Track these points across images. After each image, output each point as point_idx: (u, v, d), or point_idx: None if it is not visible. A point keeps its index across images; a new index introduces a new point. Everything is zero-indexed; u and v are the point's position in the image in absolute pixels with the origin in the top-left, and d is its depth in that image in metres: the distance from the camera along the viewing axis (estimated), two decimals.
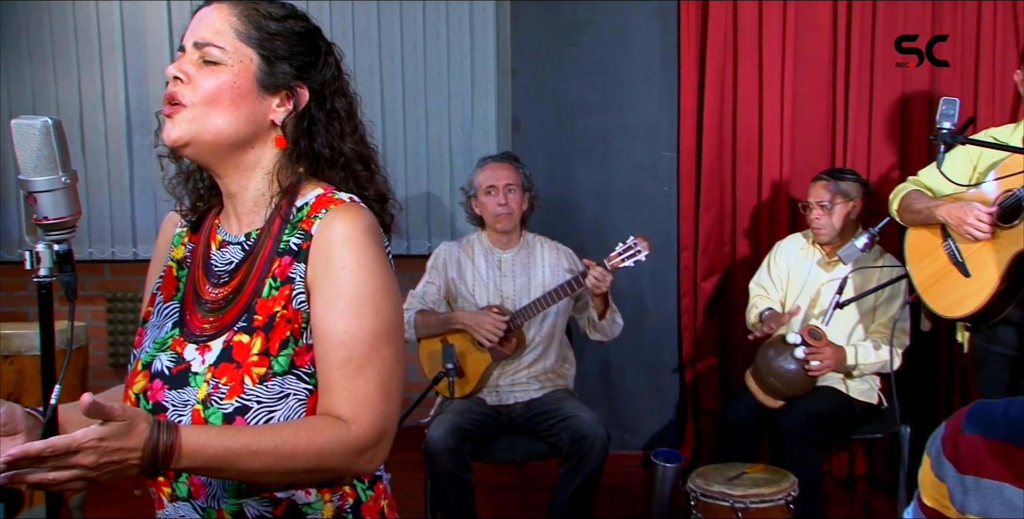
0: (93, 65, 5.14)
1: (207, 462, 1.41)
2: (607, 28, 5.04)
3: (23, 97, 5.16)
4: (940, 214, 3.52)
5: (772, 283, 4.34)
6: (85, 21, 5.12)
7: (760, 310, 4.25)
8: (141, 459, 1.36)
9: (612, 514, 4.44)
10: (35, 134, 1.43)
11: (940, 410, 4.67)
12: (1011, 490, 1.80)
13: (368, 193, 1.66)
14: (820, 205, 4.12)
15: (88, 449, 1.31)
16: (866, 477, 4.98)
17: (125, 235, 5.23)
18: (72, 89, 5.15)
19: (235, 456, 1.42)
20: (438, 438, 3.70)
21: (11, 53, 5.13)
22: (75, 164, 1.47)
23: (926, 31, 4.68)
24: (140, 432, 1.35)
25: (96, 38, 5.12)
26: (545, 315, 4.03)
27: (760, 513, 3.62)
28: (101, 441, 1.32)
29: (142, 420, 1.36)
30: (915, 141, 4.74)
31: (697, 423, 5.08)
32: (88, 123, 5.18)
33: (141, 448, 1.35)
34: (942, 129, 3.05)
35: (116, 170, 5.21)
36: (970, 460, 1.85)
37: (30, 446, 1.29)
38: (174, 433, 1.38)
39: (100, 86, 5.16)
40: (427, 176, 5.19)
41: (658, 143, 5.08)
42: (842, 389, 4.08)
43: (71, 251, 1.50)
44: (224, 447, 1.41)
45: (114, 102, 5.18)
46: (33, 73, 5.16)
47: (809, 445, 3.88)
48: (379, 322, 1.53)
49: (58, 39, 5.14)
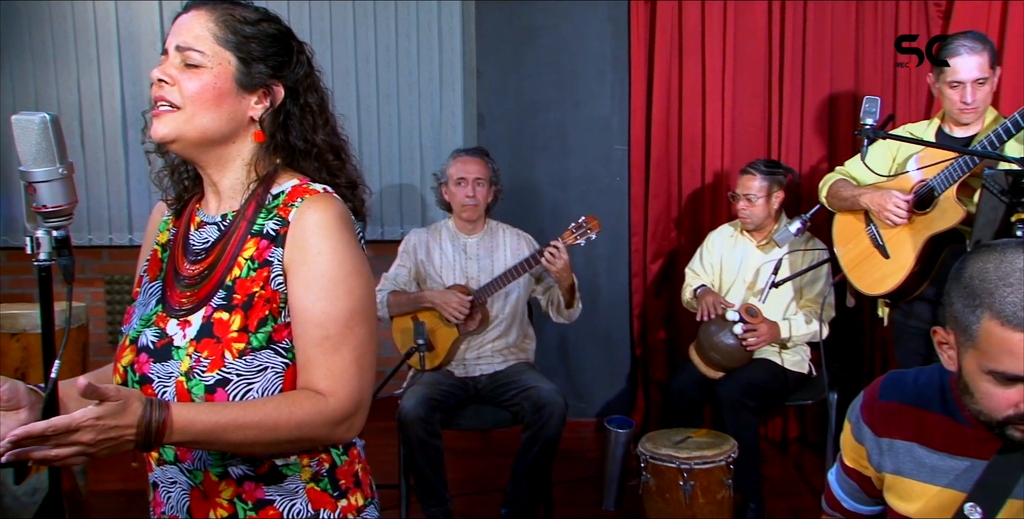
0: (91, 65, 5.10)
1: (196, 436, 1.42)
2: (563, 31, 5.03)
3: (26, 96, 5.10)
4: (863, 201, 3.56)
5: (704, 269, 4.37)
6: (83, 24, 5.07)
7: (694, 288, 4.28)
8: (136, 435, 1.36)
9: (569, 476, 4.45)
10: (34, 129, 1.43)
11: (864, 378, 4.71)
12: (920, 449, 1.82)
13: (340, 181, 1.65)
14: (746, 197, 4.15)
15: (86, 427, 1.31)
16: (798, 440, 5.03)
17: (121, 222, 5.21)
18: (72, 88, 5.10)
19: (222, 430, 1.42)
20: (410, 408, 3.70)
21: (15, 54, 5.08)
22: (75, 157, 1.47)
23: (851, 32, 4.71)
24: (134, 411, 1.36)
25: (94, 40, 5.08)
26: (507, 295, 4.04)
27: (703, 473, 3.65)
28: (98, 420, 1.32)
29: (135, 399, 1.37)
30: (842, 135, 4.77)
31: (646, 392, 5.11)
32: (87, 119, 5.14)
33: (135, 425, 1.36)
34: (865, 125, 3.07)
35: (113, 163, 5.17)
36: (885, 424, 1.87)
37: (33, 426, 1.30)
38: (165, 410, 1.38)
39: (97, 85, 5.12)
40: (399, 168, 5.17)
41: (610, 137, 5.08)
42: (776, 361, 4.12)
43: (69, 237, 1.50)
44: (212, 422, 1.42)
45: (110, 100, 5.13)
46: (35, 73, 5.11)
47: (747, 412, 3.92)
48: (352, 303, 1.53)
49: (58, 41, 5.08)
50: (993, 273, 1.59)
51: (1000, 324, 1.55)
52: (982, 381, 1.61)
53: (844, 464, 2.01)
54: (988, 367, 1.59)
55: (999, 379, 1.58)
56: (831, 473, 2.08)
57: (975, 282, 1.60)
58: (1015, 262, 1.58)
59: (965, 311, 1.61)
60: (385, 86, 5.12)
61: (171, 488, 1.62)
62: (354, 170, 1.69)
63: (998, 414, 1.62)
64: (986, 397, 1.62)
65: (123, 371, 1.60)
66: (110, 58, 5.09)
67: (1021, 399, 1.58)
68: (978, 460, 1.74)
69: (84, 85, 5.11)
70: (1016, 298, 1.54)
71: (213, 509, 1.59)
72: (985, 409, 1.64)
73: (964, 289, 1.62)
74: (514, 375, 3.97)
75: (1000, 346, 1.55)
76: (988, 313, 1.56)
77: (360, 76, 5.10)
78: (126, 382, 1.59)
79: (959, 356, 1.66)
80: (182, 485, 1.61)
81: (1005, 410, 1.60)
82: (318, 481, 1.62)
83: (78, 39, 5.08)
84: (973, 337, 1.59)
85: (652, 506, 3.74)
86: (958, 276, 1.65)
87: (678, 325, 4.93)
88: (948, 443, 1.79)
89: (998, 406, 1.61)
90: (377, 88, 5.12)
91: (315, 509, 1.61)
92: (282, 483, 1.59)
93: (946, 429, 1.79)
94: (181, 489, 1.61)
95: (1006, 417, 1.61)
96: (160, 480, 1.64)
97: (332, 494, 1.63)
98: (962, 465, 1.77)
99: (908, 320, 3.62)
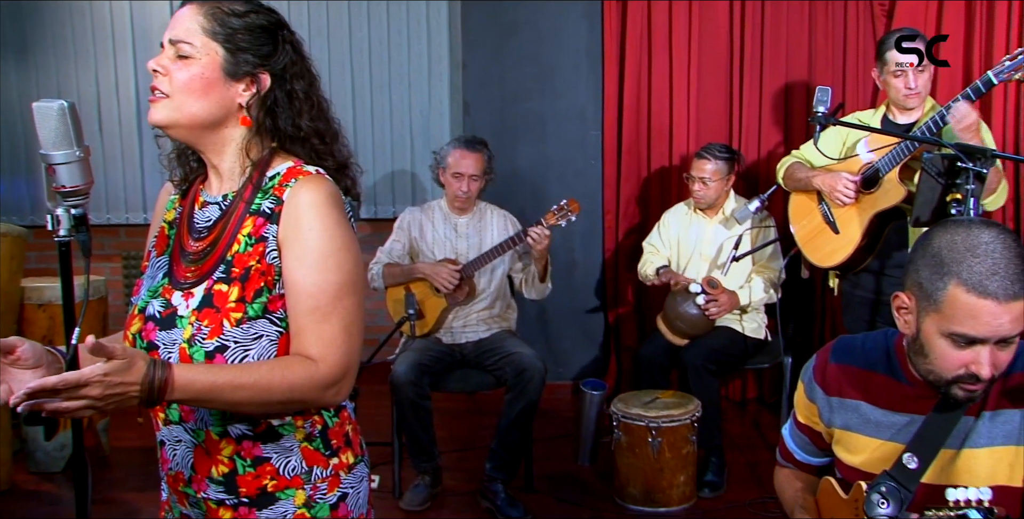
0: (108, 59, 5.08)
1: (196, 395, 1.41)
2: (542, 27, 5.01)
3: (50, 87, 5.08)
4: (816, 182, 3.56)
5: (662, 243, 4.36)
6: (101, 22, 5.06)
7: (656, 266, 4.26)
8: (140, 392, 1.35)
9: (548, 434, 4.46)
10: (53, 115, 1.44)
11: (815, 343, 4.74)
12: (866, 407, 1.84)
13: (328, 163, 1.63)
14: (701, 179, 4.13)
15: (95, 383, 1.31)
16: (756, 399, 5.06)
17: (137, 202, 5.20)
18: (90, 80, 5.09)
19: (219, 389, 1.42)
20: (401, 372, 3.69)
21: (39, 50, 5.07)
22: (93, 143, 1.47)
23: (804, 29, 4.71)
24: (139, 369, 1.35)
25: (110, 37, 5.06)
26: (493, 270, 4.02)
27: (670, 431, 3.67)
28: (106, 376, 1.31)
29: (140, 359, 1.36)
30: (796, 122, 4.77)
31: (618, 358, 5.12)
32: (104, 108, 5.12)
33: (139, 382, 1.35)
34: (818, 112, 3.06)
35: (128, 148, 5.15)
36: (835, 385, 1.88)
37: (46, 380, 1.29)
38: (167, 370, 1.38)
39: (114, 77, 5.11)
40: (391, 152, 5.15)
41: (585, 124, 5.07)
42: (736, 328, 4.12)
43: (86, 215, 1.51)
44: (210, 382, 1.41)
45: (126, 90, 5.12)
46: (58, 67, 5.10)
47: (709, 375, 3.92)
48: (341, 276, 1.52)
49: (78, 38, 5.08)
50: (961, 244, 1.60)
51: (966, 291, 1.57)
52: (939, 343, 1.64)
53: (797, 420, 2.01)
54: (949, 330, 1.61)
55: (957, 341, 1.61)
56: (785, 429, 2.09)
57: (944, 252, 1.62)
58: (981, 236, 1.60)
59: (932, 278, 1.62)
60: (378, 77, 5.09)
61: (176, 446, 1.62)
62: (344, 151, 1.67)
63: (948, 373, 1.65)
64: (940, 358, 1.65)
65: (132, 338, 1.60)
66: (125, 53, 5.07)
67: (972, 360, 1.61)
68: (917, 416, 1.76)
69: (102, 77, 5.10)
70: (982, 268, 1.57)
71: (215, 465, 1.58)
72: (937, 368, 1.66)
73: (932, 258, 1.63)
74: (497, 342, 3.96)
75: (964, 311, 1.58)
76: (955, 280, 1.58)
77: (355, 68, 5.08)
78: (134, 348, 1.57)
79: (918, 320, 1.67)
80: (186, 443, 1.60)
81: (956, 370, 1.63)
82: (311, 441, 1.61)
83: (96, 36, 5.07)
84: (938, 302, 1.61)
85: (623, 460, 3.76)
86: (925, 247, 1.66)
87: (647, 297, 4.93)
88: (891, 401, 1.80)
89: (950, 366, 1.64)
90: (371, 79, 5.09)
91: (308, 466, 1.60)
92: (278, 442, 1.58)
93: (889, 388, 1.81)
94: (185, 447, 1.60)
95: (956, 376, 1.64)
96: (166, 439, 1.63)
97: (324, 453, 1.62)
98: (903, 420, 1.78)
99: (855, 290, 3.63)
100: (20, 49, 5.04)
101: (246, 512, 1.59)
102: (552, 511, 3.75)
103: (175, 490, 1.65)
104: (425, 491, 3.79)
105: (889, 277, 3.50)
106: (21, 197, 5.12)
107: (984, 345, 1.60)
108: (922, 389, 1.75)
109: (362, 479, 1.67)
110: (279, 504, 1.59)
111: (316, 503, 1.60)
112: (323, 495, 1.60)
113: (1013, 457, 1.69)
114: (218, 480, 1.58)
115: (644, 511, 3.70)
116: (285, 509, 1.59)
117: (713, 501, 3.81)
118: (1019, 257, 1.59)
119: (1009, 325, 1.58)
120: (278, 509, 1.59)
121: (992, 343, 1.60)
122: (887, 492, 1.67)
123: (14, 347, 1.47)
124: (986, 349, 1.60)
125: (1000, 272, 1.56)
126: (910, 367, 1.76)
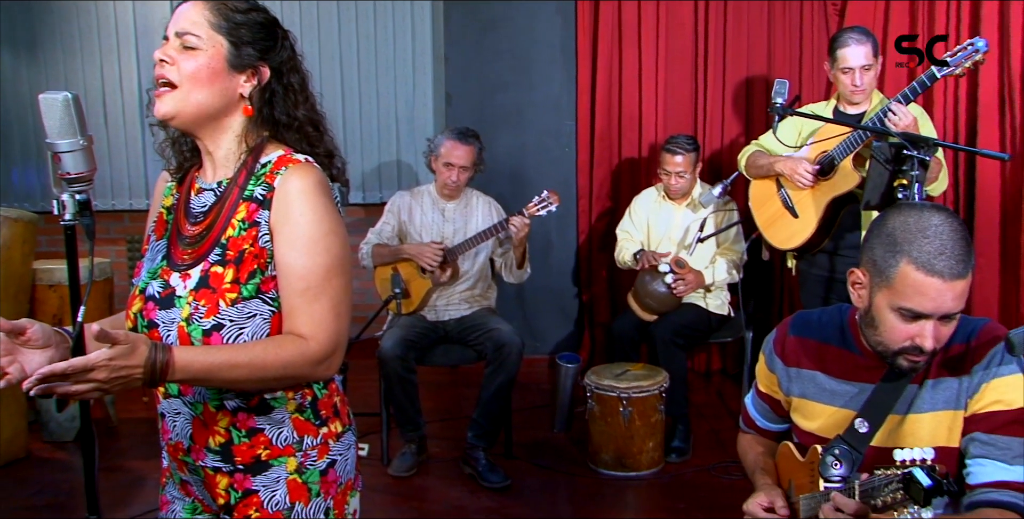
0: (112, 55, 5.06)
1: (195, 374, 1.41)
2: (519, 24, 5.00)
3: (58, 82, 5.05)
4: (777, 168, 3.56)
5: (634, 227, 4.34)
6: (105, 21, 5.04)
7: (633, 252, 4.25)
8: (143, 374, 1.36)
9: (526, 404, 4.47)
10: (58, 105, 1.43)
11: (774, 318, 4.76)
12: (822, 377, 1.85)
13: (318, 150, 1.62)
14: (677, 174, 4.11)
15: (101, 367, 1.32)
16: (719, 371, 5.08)
17: (140, 189, 5.18)
18: (96, 74, 5.07)
19: (217, 369, 1.42)
20: (388, 347, 3.68)
21: (48, 47, 5.05)
22: (99, 133, 1.46)
23: (763, 27, 4.71)
24: (141, 353, 1.35)
25: (114, 34, 5.05)
26: (476, 254, 4.00)
27: (640, 400, 3.69)
28: (111, 361, 1.32)
29: (142, 343, 1.36)
30: (756, 113, 4.78)
31: (591, 333, 5.13)
32: (109, 101, 5.10)
33: (142, 365, 1.35)
34: (776, 104, 3.06)
35: (132, 138, 5.13)
36: (793, 356, 1.89)
37: (56, 366, 1.30)
38: (168, 353, 1.38)
39: (118, 72, 5.09)
40: (378, 141, 5.13)
41: (560, 114, 5.06)
42: (702, 305, 4.13)
43: (89, 200, 1.49)
44: (208, 362, 1.41)
45: (129, 84, 5.10)
46: (65, 62, 5.07)
47: (676, 348, 3.93)
48: (330, 258, 1.51)
49: (84, 35, 5.05)
50: (913, 226, 1.62)
51: (915, 269, 1.59)
52: (889, 316, 1.66)
53: (758, 390, 2.02)
54: (898, 304, 1.63)
55: (905, 315, 1.63)
56: (747, 398, 2.10)
57: (897, 233, 1.63)
58: (931, 219, 1.62)
59: (885, 256, 1.64)
60: (366, 71, 5.08)
61: (176, 418, 1.61)
62: (331, 141, 1.66)
63: (895, 345, 1.67)
64: (889, 330, 1.67)
65: (133, 317, 1.59)
66: (128, 49, 5.06)
67: (917, 333, 1.64)
68: (867, 384, 1.78)
69: (106, 72, 5.09)
70: (931, 248, 1.59)
71: (212, 436, 1.58)
72: (886, 340, 1.68)
73: (886, 238, 1.65)
74: (478, 319, 3.95)
75: (913, 287, 1.60)
76: (906, 259, 1.60)
77: (344, 63, 5.06)
78: (136, 326, 1.58)
79: (870, 295, 1.69)
80: (185, 415, 1.60)
81: (902, 341, 1.66)
82: (302, 412, 1.60)
83: (101, 33, 5.05)
84: (890, 279, 1.63)
85: (596, 428, 3.77)
86: (880, 227, 1.68)
87: (618, 276, 4.93)
88: (844, 371, 1.82)
89: (898, 338, 1.66)
90: (359, 73, 5.08)
91: (299, 435, 1.59)
92: (270, 414, 1.58)
93: (843, 359, 1.82)
94: (184, 419, 1.60)
95: (901, 347, 1.66)
96: (167, 411, 1.62)
97: (314, 422, 1.61)
98: (854, 389, 1.80)
99: (811, 269, 3.65)
100: (30, 46, 5.02)
101: (241, 478, 1.58)
102: (530, 476, 3.76)
103: (175, 458, 1.65)
104: (411, 458, 3.79)
105: (843, 257, 3.52)
106: (32, 185, 5.13)
107: (929, 320, 1.62)
108: (872, 360, 1.76)
109: (349, 447, 1.67)
110: (272, 471, 1.58)
111: (307, 469, 1.59)
112: (313, 462, 1.60)
113: (951, 421, 1.71)
114: (215, 450, 1.58)
115: (616, 475, 3.72)
116: (278, 475, 1.58)
117: (680, 465, 3.83)
118: (964, 240, 1.61)
119: (952, 302, 1.61)
120: (271, 475, 1.58)
121: (936, 318, 1.62)
122: (840, 454, 1.69)
123: (24, 329, 1.46)
124: (930, 323, 1.62)
125: (947, 252, 1.58)
126: (862, 339, 1.78)
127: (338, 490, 1.63)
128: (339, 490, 1.63)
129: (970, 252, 1.62)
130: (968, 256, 1.61)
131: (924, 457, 1.49)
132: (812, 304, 3.62)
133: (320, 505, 1.60)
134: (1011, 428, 1.67)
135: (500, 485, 3.63)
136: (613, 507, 3.51)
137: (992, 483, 1.66)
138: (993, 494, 1.65)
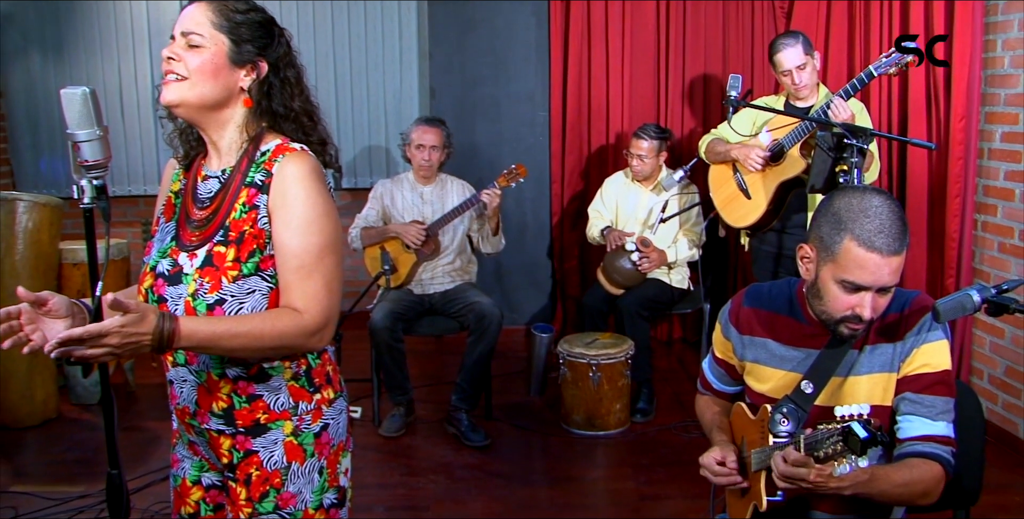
0: (128, 53, 5.01)
1: (199, 342, 1.41)
2: (497, 23, 4.95)
3: (80, 78, 4.97)
4: (733, 154, 3.58)
5: (604, 207, 4.33)
6: (122, 22, 4.98)
7: (600, 228, 4.25)
8: (151, 340, 1.36)
9: (504, 371, 4.48)
10: (77, 99, 1.44)
11: (729, 291, 4.78)
12: (773, 344, 1.86)
13: (313, 139, 1.61)
14: (639, 156, 4.12)
15: (113, 333, 1.32)
16: (680, 339, 5.11)
17: (154, 176, 5.13)
18: (114, 71, 5.01)
19: (219, 338, 1.42)
20: (378, 319, 3.67)
21: (72, 47, 4.99)
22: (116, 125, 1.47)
23: (719, 26, 4.70)
24: (150, 321, 1.35)
25: (130, 33, 4.98)
26: (455, 229, 3.99)
27: (608, 367, 3.71)
28: (122, 327, 1.32)
29: (151, 312, 1.36)
30: (713, 105, 4.77)
31: (564, 305, 5.13)
32: (125, 96, 5.04)
33: (151, 332, 1.35)
34: (730, 96, 3.07)
35: (146, 129, 5.07)
36: (747, 325, 1.90)
37: (73, 331, 1.30)
38: (175, 322, 1.38)
39: (133, 69, 5.03)
40: (368, 131, 5.09)
41: (535, 106, 5.02)
42: (665, 280, 4.14)
43: (105, 185, 1.51)
44: (211, 331, 1.41)
45: (143, 80, 5.04)
46: (87, 60, 5.01)
47: (641, 319, 3.95)
48: (323, 238, 1.50)
49: (103, 35, 4.99)
50: (856, 206, 1.64)
51: (857, 245, 1.61)
52: (832, 288, 1.68)
53: (715, 356, 2.03)
54: (841, 277, 1.65)
55: (847, 287, 1.65)
56: (705, 363, 2.11)
57: (842, 212, 1.65)
58: (873, 200, 1.64)
59: (831, 233, 1.66)
60: (357, 66, 5.03)
61: (182, 385, 1.60)
62: (324, 131, 1.65)
63: (838, 314, 1.69)
64: (833, 301, 1.69)
65: (144, 292, 1.58)
66: (143, 48, 5.00)
67: (856, 303, 1.66)
68: (813, 350, 1.79)
69: (123, 69, 5.03)
70: (872, 226, 1.61)
71: (215, 401, 1.57)
72: (829, 309, 1.70)
73: (832, 216, 1.67)
74: (461, 293, 3.94)
75: (854, 262, 1.62)
76: (849, 236, 1.62)
77: (337, 59, 5.01)
78: (147, 301, 1.57)
79: (817, 268, 1.71)
80: (191, 382, 1.59)
81: (844, 311, 1.68)
82: (297, 379, 1.60)
83: (118, 33, 4.99)
84: (834, 254, 1.65)
85: (568, 392, 3.79)
86: (827, 207, 1.70)
87: (588, 253, 4.93)
88: (792, 338, 1.83)
89: (840, 307, 1.68)
90: (351, 68, 5.02)
91: (295, 401, 1.59)
92: (268, 381, 1.58)
93: (791, 328, 1.83)
94: (190, 385, 1.59)
95: (843, 316, 1.69)
96: (174, 378, 1.62)
97: (308, 389, 1.61)
98: (801, 355, 1.81)
99: (762, 245, 3.67)
100: (57, 46, 4.98)
101: (243, 440, 1.58)
102: (508, 435, 3.78)
103: (183, 422, 1.64)
104: (400, 420, 3.79)
105: (790, 234, 3.54)
106: (59, 173, 5.11)
107: (868, 291, 1.64)
108: (817, 328, 1.78)
109: (341, 411, 1.67)
110: (271, 433, 1.58)
111: (302, 432, 1.59)
112: (308, 425, 1.60)
113: (886, 382, 1.74)
114: (218, 414, 1.58)
115: (586, 434, 3.75)
116: (276, 437, 1.58)
117: (644, 425, 3.86)
118: (901, 220, 1.64)
119: (888, 276, 1.63)
120: (270, 437, 1.58)
121: (874, 290, 1.64)
122: (788, 412, 1.72)
123: (46, 301, 1.47)
124: (869, 295, 1.64)
125: (885, 230, 1.61)
126: (808, 309, 1.79)
127: (331, 451, 1.63)
128: (332, 451, 1.63)
129: (905, 231, 1.64)
130: (904, 234, 1.63)
131: (861, 412, 1.52)
132: (763, 278, 3.65)
133: (314, 464, 1.60)
134: (936, 388, 1.71)
135: (481, 444, 3.64)
136: (584, 463, 3.54)
137: (919, 437, 1.69)
138: (919, 446, 1.69)
